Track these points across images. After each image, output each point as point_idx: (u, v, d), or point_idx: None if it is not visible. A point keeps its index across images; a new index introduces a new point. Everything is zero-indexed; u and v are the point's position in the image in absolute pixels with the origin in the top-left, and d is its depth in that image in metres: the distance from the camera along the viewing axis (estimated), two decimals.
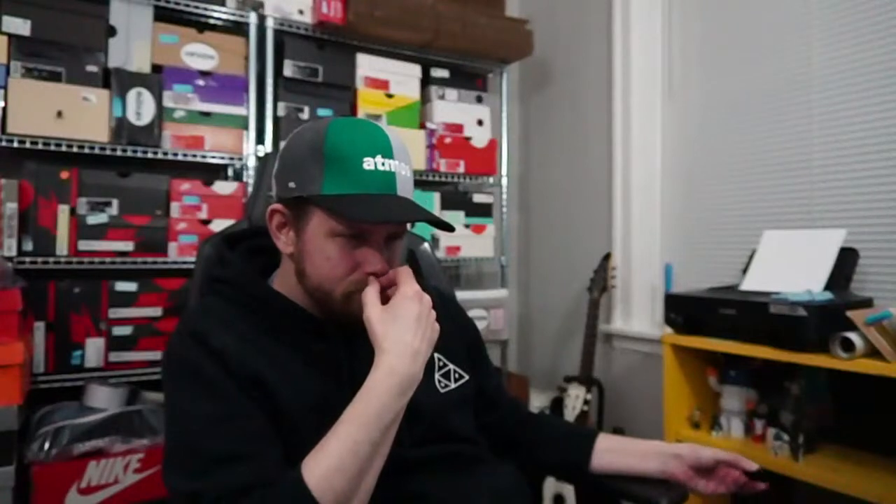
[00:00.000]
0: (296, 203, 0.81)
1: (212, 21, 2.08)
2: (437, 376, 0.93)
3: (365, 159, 0.77)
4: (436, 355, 0.94)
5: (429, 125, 2.39)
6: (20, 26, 1.75)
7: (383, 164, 0.78)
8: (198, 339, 0.78)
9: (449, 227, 0.82)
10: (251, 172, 2.06)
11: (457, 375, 0.95)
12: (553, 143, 2.74)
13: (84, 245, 1.80)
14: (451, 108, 2.46)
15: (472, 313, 2.34)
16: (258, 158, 2.07)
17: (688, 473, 0.94)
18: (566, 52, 2.66)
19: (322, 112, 2.19)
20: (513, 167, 2.76)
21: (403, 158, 0.81)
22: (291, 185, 0.80)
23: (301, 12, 2.15)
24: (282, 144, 0.87)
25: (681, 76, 2.24)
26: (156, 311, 1.88)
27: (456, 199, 2.46)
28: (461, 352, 0.99)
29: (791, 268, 1.63)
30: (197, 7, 2.02)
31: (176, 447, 0.75)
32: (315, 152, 0.78)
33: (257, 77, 2.09)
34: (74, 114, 1.78)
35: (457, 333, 1.00)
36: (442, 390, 0.92)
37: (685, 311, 1.68)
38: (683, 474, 0.94)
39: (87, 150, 1.84)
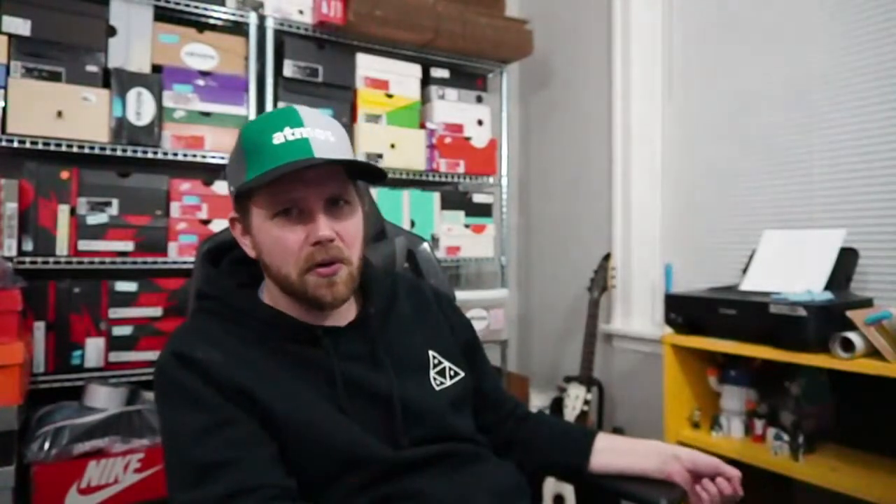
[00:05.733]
0: (238, 204, 0.85)
1: (212, 21, 2.08)
2: (432, 374, 0.92)
3: (274, 136, 0.80)
4: (430, 353, 0.94)
5: (429, 125, 2.39)
6: (20, 26, 1.75)
7: (293, 133, 0.80)
8: (181, 359, 0.79)
9: (377, 175, 0.84)
10: None
11: (452, 373, 0.94)
12: (553, 143, 2.74)
13: (84, 245, 1.80)
14: (451, 108, 2.46)
15: (471, 313, 2.35)
16: None
17: (684, 476, 0.93)
18: (566, 52, 2.66)
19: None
20: (513, 167, 2.76)
21: (321, 125, 0.83)
22: (231, 189, 0.86)
23: (301, 12, 2.15)
24: None
25: (681, 76, 2.24)
26: (156, 311, 1.88)
27: (456, 199, 2.46)
28: (456, 350, 0.98)
29: (791, 268, 1.63)
30: (197, 7, 2.02)
31: (171, 463, 0.76)
32: (238, 153, 0.84)
33: (257, 77, 2.09)
34: (74, 114, 1.78)
35: (451, 331, 1.00)
36: (437, 388, 0.91)
37: (685, 311, 1.68)
38: (681, 476, 0.93)
39: (87, 150, 1.84)
